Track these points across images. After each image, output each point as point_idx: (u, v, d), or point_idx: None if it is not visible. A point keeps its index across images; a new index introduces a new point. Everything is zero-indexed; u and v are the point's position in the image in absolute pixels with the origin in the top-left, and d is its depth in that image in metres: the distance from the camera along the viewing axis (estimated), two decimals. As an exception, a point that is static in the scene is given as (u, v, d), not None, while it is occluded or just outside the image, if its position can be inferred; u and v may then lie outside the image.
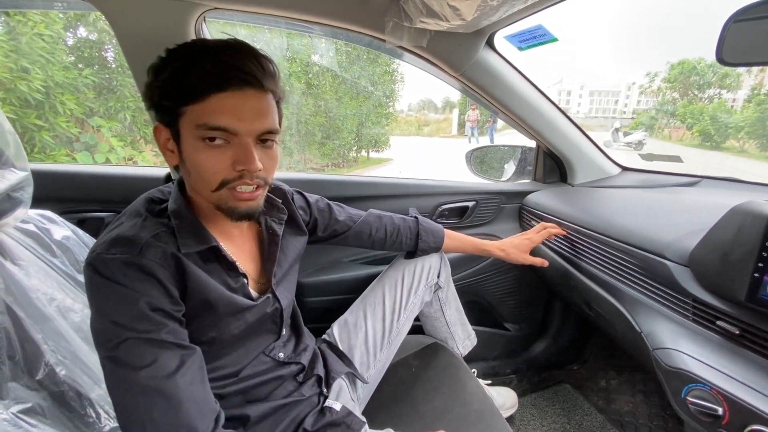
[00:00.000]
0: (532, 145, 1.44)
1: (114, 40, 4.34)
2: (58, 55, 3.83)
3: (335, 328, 0.98)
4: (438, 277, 1.04)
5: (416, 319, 1.07)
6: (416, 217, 1.04)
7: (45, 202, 0.82)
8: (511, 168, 1.55)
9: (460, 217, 1.37)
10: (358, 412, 0.83)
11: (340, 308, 1.02)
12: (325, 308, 1.20)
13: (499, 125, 12.66)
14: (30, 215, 0.78)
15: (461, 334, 1.13)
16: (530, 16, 0.91)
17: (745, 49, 0.61)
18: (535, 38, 0.97)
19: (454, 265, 1.22)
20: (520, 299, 1.45)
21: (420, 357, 1.05)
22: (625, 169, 1.40)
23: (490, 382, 1.35)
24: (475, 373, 1.03)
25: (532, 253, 1.10)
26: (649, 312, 0.79)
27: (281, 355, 0.75)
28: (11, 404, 0.61)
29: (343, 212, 0.96)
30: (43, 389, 0.65)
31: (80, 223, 0.94)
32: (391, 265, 1.05)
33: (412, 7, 0.84)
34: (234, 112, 0.55)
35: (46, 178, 1.05)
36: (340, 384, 0.85)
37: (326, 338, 0.97)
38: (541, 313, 1.52)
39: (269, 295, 0.71)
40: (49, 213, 0.83)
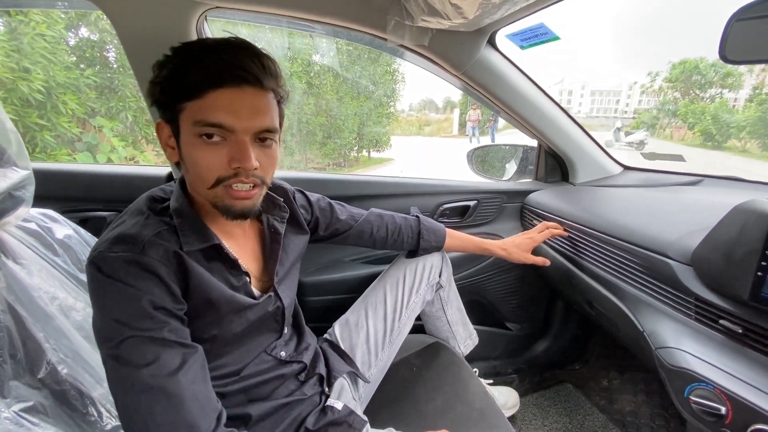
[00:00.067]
0: (534, 144, 1.43)
1: (115, 40, 4.36)
2: (60, 55, 3.84)
3: (337, 328, 0.98)
4: (439, 277, 1.04)
5: (418, 318, 1.07)
6: (418, 216, 1.04)
7: (47, 201, 0.82)
8: (512, 167, 1.55)
9: (462, 217, 1.37)
10: (359, 411, 0.83)
11: (342, 308, 1.02)
12: (326, 307, 1.20)
13: (500, 125, 12.65)
14: (32, 214, 0.78)
15: (463, 334, 1.13)
16: (532, 14, 0.91)
17: (748, 47, 0.61)
18: (537, 37, 0.97)
19: (456, 265, 1.22)
20: (521, 299, 1.45)
21: (421, 356, 1.05)
22: (627, 168, 1.40)
23: (491, 382, 1.35)
24: (476, 373, 1.03)
25: (533, 253, 1.10)
26: (652, 311, 0.79)
27: (283, 354, 0.75)
28: (13, 403, 0.61)
29: (345, 211, 0.96)
30: (45, 388, 0.65)
31: (82, 222, 0.95)
32: (393, 265, 1.05)
33: (413, 5, 0.84)
34: (231, 109, 0.55)
35: (48, 177, 1.06)
36: (342, 383, 0.85)
37: (328, 337, 0.97)
38: (543, 312, 1.52)
39: (271, 294, 0.71)
40: (50, 212, 0.83)
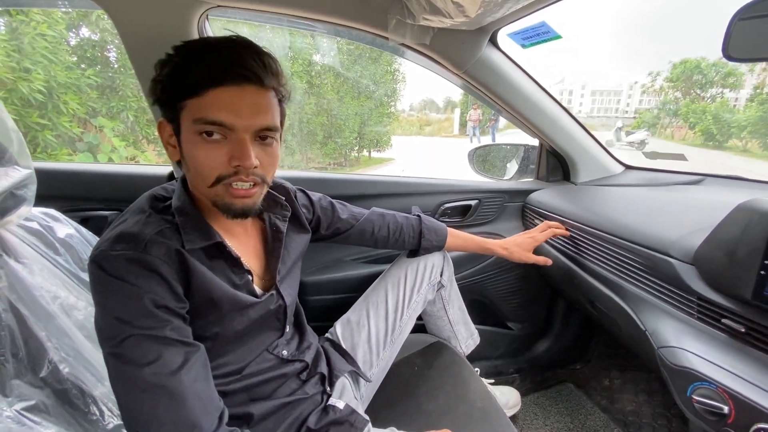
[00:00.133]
0: (535, 143, 1.43)
1: (116, 40, 4.36)
2: (61, 55, 3.84)
3: (338, 327, 0.98)
4: (441, 276, 1.04)
5: (419, 318, 1.07)
6: (419, 216, 1.04)
7: (48, 200, 0.82)
8: (513, 166, 1.55)
9: (463, 216, 1.37)
10: (361, 410, 0.82)
11: (343, 307, 1.02)
12: (327, 307, 1.20)
13: (500, 124, 12.64)
14: (33, 213, 0.78)
15: (464, 333, 1.13)
16: (534, 13, 0.91)
17: (750, 45, 0.62)
18: (539, 35, 0.96)
19: (457, 264, 1.22)
20: (523, 298, 1.45)
21: (423, 356, 1.05)
22: (629, 167, 1.39)
23: (493, 381, 1.35)
24: (477, 372, 1.02)
25: (535, 252, 1.10)
26: (654, 310, 0.79)
27: (285, 353, 0.75)
28: (15, 401, 0.61)
29: (346, 210, 0.96)
30: (47, 387, 0.66)
31: (83, 222, 0.95)
32: (394, 264, 1.05)
33: (415, 4, 0.84)
34: (231, 107, 0.54)
35: (50, 176, 1.06)
36: (344, 382, 0.85)
37: (329, 337, 0.97)
38: (544, 312, 1.52)
39: (273, 292, 0.71)
40: (52, 211, 0.83)
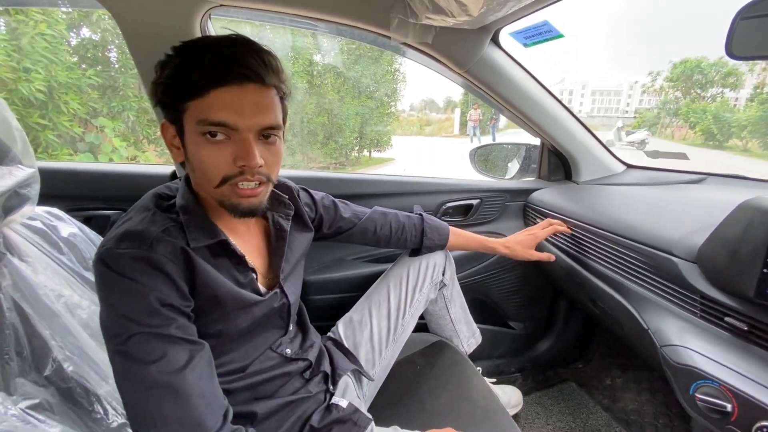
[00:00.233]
0: (536, 142, 1.43)
1: (116, 40, 4.36)
2: (62, 55, 3.84)
3: (340, 326, 0.98)
4: (443, 275, 1.04)
5: (421, 317, 1.07)
6: (421, 215, 1.04)
7: (51, 200, 0.82)
8: (515, 166, 1.55)
9: (465, 215, 1.37)
10: (363, 409, 0.82)
11: (345, 306, 1.02)
12: (329, 306, 1.20)
13: (501, 124, 12.64)
14: (37, 212, 0.78)
15: (466, 332, 1.13)
16: (536, 12, 0.91)
17: (753, 43, 0.62)
18: (541, 34, 0.96)
19: (459, 263, 1.22)
20: (524, 297, 1.45)
21: (425, 355, 1.05)
22: (630, 166, 1.40)
23: (494, 381, 1.35)
24: (479, 372, 1.03)
25: (537, 249, 1.09)
26: (656, 309, 0.79)
27: (288, 351, 0.75)
28: (19, 400, 0.61)
29: (348, 209, 0.96)
30: (51, 385, 0.66)
31: (86, 221, 0.95)
32: (396, 263, 1.05)
33: (418, 3, 0.84)
34: (234, 107, 0.54)
35: (53, 175, 1.06)
36: (346, 381, 0.85)
37: (331, 336, 0.97)
38: (546, 311, 1.52)
39: (277, 290, 0.71)
40: (55, 210, 0.83)
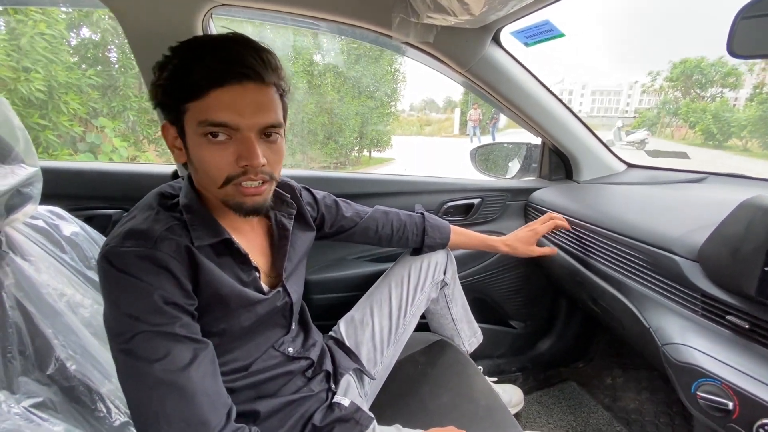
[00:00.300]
0: (537, 142, 1.44)
1: (117, 40, 4.36)
2: (61, 54, 3.84)
3: (342, 325, 0.98)
4: (444, 274, 1.04)
5: (422, 316, 1.07)
6: (422, 214, 1.04)
7: (53, 199, 0.82)
8: (516, 165, 1.55)
9: (466, 214, 1.37)
10: (365, 408, 0.82)
11: (347, 305, 1.02)
12: (331, 305, 1.20)
13: (501, 124, 12.63)
14: (39, 211, 0.79)
15: (467, 332, 1.13)
16: (537, 11, 0.91)
17: (754, 42, 0.63)
18: (542, 34, 0.97)
19: (460, 262, 1.22)
20: (525, 297, 1.45)
21: (426, 354, 1.05)
22: (631, 165, 1.40)
23: (495, 380, 1.35)
24: (481, 371, 1.03)
25: (538, 245, 1.09)
26: (658, 307, 0.79)
27: (290, 350, 0.75)
28: (22, 398, 0.61)
29: (350, 209, 0.96)
30: (54, 384, 0.66)
31: (88, 220, 0.95)
32: (397, 262, 1.05)
33: (419, 2, 0.84)
34: (234, 107, 0.54)
35: (55, 174, 1.06)
36: (348, 380, 0.85)
37: (333, 335, 0.97)
38: (547, 310, 1.52)
39: (279, 289, 0.72)
40: (57, 209, 0.83)
